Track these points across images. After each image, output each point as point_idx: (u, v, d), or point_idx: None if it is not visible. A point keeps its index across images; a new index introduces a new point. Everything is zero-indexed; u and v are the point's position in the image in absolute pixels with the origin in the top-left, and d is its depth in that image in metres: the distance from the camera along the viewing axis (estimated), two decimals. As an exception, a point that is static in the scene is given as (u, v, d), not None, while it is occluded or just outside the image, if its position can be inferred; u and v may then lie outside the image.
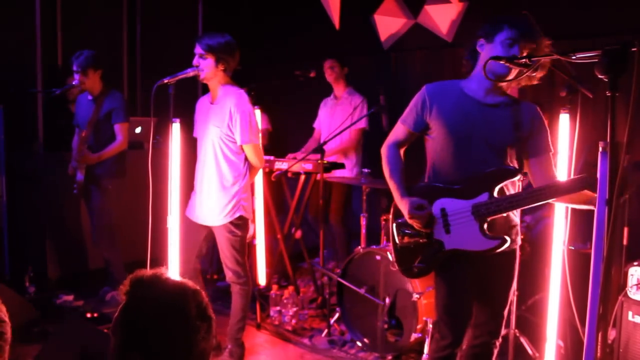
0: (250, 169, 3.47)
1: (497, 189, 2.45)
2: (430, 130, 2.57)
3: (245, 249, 3.52)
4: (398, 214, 2.63)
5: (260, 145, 3.49)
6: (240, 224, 3.43)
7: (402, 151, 2.69)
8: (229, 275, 3.50)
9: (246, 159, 3.42)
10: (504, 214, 2.48)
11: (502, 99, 2.51)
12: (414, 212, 2.48)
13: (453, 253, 2.50)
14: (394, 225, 2.65)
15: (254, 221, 3.71)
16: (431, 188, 2.56)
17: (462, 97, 2.52)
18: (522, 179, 2.65)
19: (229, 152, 3.36)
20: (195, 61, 3.28)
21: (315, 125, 5.26)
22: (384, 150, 2.70)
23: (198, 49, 3.28)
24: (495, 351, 2.64)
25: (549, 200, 2.40)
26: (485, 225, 2.44)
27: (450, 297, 2.55)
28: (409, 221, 2.53)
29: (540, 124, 2.52)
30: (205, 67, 3.28)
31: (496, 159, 2.48)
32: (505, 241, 2.44)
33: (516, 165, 2.54)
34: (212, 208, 3.40)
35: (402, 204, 2.54)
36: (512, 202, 2.43)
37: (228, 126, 3.31)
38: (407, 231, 2.60)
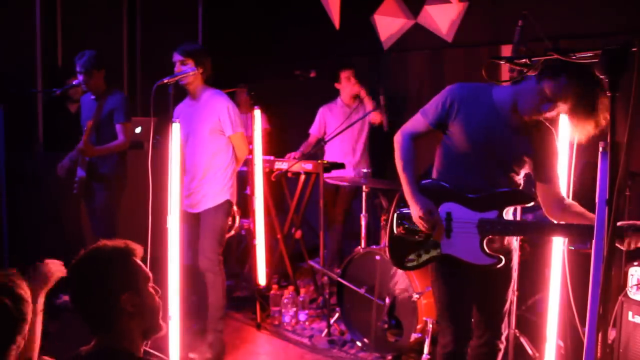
0: (235, 159, 3.76)
1: (507, 209, 2.46)
2: (449, 131, 2.52)
3: (224, 238, 3.71)
4: (401, 203, 2.60)
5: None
6: (225, 208, 3.68)
7: (416, 144, 2.62)
8: (203, 263, 3.64)
9: (232, 149, 3.71)
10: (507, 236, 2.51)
11: (525, 122, 2.44)
12: (425, 217, 2.46)
13: (447, 257, 2.50)
14: (396, 214, 2.61)
15: (238, 213, 3.86)
16: (440, 188, 2.55)
17: (491, 112, 2.45)
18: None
19: (218, 144, 3.66)
20: (176, 69, 3.54)
21: (312, 131, 5.15)
22: (398, 139, 2.62)
23: (177, 57, 3.56)
24: (500, 354, 2.65)
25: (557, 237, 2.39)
26: (486, 241, 2.45)
27: (449, 295, 2.55)
28: (415, 221, 2.52)
29: (554, 149, 2.51)
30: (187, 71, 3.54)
31: (506, 177, 2.50)
32: (500, 261, 2.45)
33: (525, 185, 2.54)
34: (205, 195, 3.67)
35: (413, 203, 2.51)
36: (519, 228, 2.46)
37: (217, 122, 3.62)
38: (407, 224, 2.57)
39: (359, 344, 3.82)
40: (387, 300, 3.60)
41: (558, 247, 2.85)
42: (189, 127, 3.68)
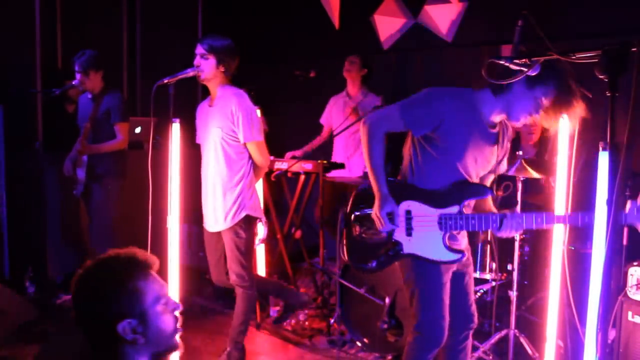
0: (255, 168, 3.46)
1: (465, 203, 2.48)
2: (431, 141, 2.48)
3: (251, 252, 3.50)
4: (359, 205, 2.59)
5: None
6: (246, 225, 3.41)
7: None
8: (232, 278, 3.47)
9: (249, 158, 3.41)
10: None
11: (499, 128, 2.54)
12: (384, 218, 2.45)
13: (409, 256, 2.50)
14: (354, 215, 2.60)
15: (266, 223, 3.64)
16: (403, 187, 2.54)
17: (475, 122, 2.45)
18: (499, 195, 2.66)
19: (231, 151, 3.35)
20: (196, 61, 3.28)
21: (323, 121, 5.14)
22: (372, 131, 2.49)
23: (200, 49, 3.27)
24: (469, 342, 2.71)
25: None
26: (447, 237, 2.46)
27: (435, 287, 2.55)
28: (373, 216, 2.50)
29: (508, 150, 2.62)
30: (206, 67, 3.27)
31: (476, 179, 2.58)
32: (464, 256, 2.50)
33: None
34: (219, 212, 3.39)
35: (381, 199, 2.47)
36: (480, 220, 2.44)
37: (230, 126, 3.30)
38: (366, 224, 2.55)
39: (359, 344, 3.82)
40: (387, 300, 3.60)
41: (558, 247, 2.86)
42: (203, 132, 3.45)
